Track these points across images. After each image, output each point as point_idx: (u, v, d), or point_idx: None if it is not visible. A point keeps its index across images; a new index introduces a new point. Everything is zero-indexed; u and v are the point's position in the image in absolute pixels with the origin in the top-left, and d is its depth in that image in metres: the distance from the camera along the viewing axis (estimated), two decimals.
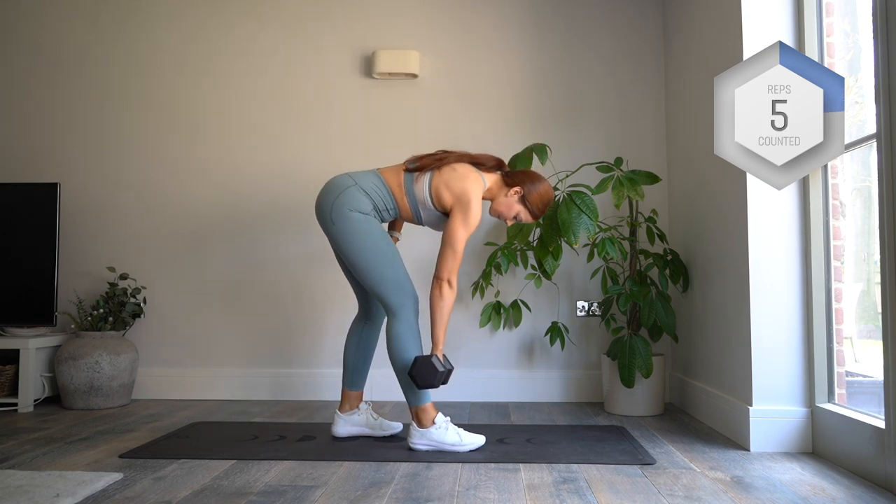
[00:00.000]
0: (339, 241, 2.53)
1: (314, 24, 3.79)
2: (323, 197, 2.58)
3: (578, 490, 2.04)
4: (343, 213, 2.51)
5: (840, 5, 2.54)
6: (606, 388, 3.30)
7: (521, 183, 2.62)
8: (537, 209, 2.65)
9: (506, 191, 2.63)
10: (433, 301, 2.50)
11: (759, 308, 2.54)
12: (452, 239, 2.49)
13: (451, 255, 2.48)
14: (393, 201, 2.60)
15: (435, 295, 2.49)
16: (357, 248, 2.51)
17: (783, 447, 2.49)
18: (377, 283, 2.52)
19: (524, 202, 2.63)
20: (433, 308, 2.50)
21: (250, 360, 3.69)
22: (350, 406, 2.74)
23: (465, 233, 2.49)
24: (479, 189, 2.54)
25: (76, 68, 3.84)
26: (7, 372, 3.40)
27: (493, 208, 2.67)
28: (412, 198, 2.58)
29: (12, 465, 2.33)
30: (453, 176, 2.54)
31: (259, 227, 3.73)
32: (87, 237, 3.76)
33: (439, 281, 2.49)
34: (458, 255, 2.49)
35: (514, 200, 2.63)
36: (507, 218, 2.67)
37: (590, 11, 3.74)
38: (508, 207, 2.64)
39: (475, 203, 2.51)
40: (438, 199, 2.55)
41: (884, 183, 1.99)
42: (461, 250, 2.50)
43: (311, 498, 1.97)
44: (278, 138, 3.76)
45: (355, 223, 2.51)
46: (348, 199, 2.52)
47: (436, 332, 2.50)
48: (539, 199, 2.63)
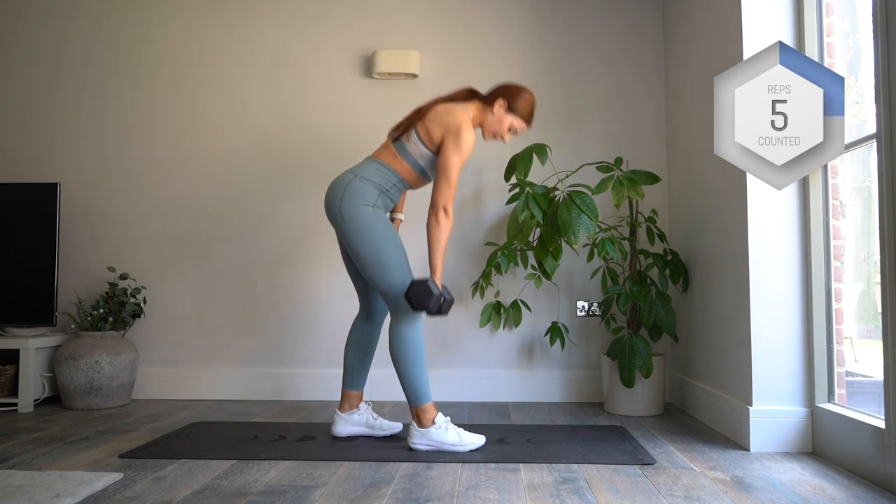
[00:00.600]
0: (349, 236, 2.54)
1: (314, 24, 3.79)
2: (330, 196, 2.59)
3: (578, 490, 2.04)
4: (352, 208, 2.52)
5: (840, 5, 2.54)
6: (606, 388, 3.30)
7: (502, 95, 2.65)
8: (527, 113, 2.68)
9: (490, 109, 2.66)
10: (430, 229, 2.51)
11: (759, 308, 2.54)
12: (446, 167, 2.51)
13: (445, 183, 2.50)
14: (395, 174, 2.60)
15: (431, 223, 2.50)
16: (366, 242, 2.52)
17: (783, 447, 2.49)
18: (383, 280, 2.53)
19: (512, 111, 2.65)
20: (430, 236, 2.51)
21: (250, 360, 3.69)
22: (350, 406, 2.74)
23: (458, 159, 2.51)
24: (465, 116, 2.57)
25: (76, 69, 3.84)
26: (7, 372, 3.40)
27: (485, 132, 2.70)
28: (409, 156, 2.60)
29: (12, 465, 2.33)
30: (437, 114, 2.58)
31: (259, 226, 3.73)
32: (87, 237, 3.76)
33: (435, 209, 2.50)
34: (453, 183, 2.51)
35: (502, 114, 2.65)
36: (502, 133, 2.68)
37: (590, 11, 3.74)
38: (500, 122, 2.66)
39: (465, 129, 2.53)
40: (430, 139, 2.56)
41: (884, 183, 1.99)
42: (455, 178, 2.51)
43: (311, 498, 1.97)
44: (278, 138, 3.76)
45: (365, 217, 2.52)
46: (354, 192, 2.54)
47: (433, 259, 2.51)
48: (525, 102, 2.66)
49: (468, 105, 2.65)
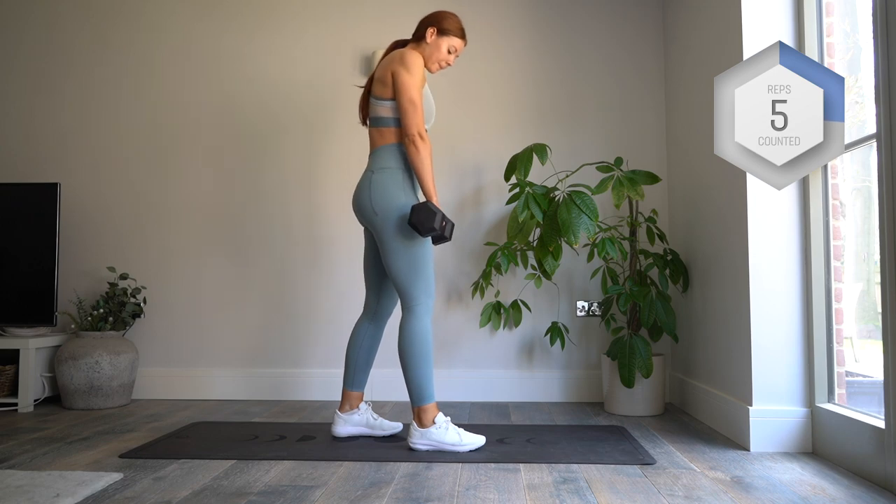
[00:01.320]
0: (382, 230, 2.56)
1: (314, 24, 3.79)
2: (359, 198, 2.62)
3: (578, 490, 2.04)
4: (383, 199, 2.55)
5: (840, 5, 2.54)
6: (606, 388, 3.30)
7: (428, 25, 2.70)
8: (457, 29, 2.72)
9: (424, 42, 2.71)
10: (412, 158, 2.54)
11: (759, 308, 2.54)
12: (405, 90, 2.55)
13: (411, 108, 2.54)
14: (396, 146, 2.62)
15: (411, 152, 2.54)
16: (399, 235, 2.53)
17: (783, 447, 2.49)
18: (408, 274, 2.54)
19: (444, 33, 2.70)
20: (414, 164, 2.54)
21: (250, 360, 3.69)
22: (350, 406, 2.74)
23: (412, 79, 2.55)
24: (404, 52, 2.62)
25: (76, 69, 3.84)
26: (7, 372, 3.40)
27: (429, 64, 2.73)
28: (386, 119, 2.63)
29: (12, 465, 2.33)
30: (377, 72, 2.65)
31: (259, 227, 3.73)
32: (87, 237, 3.76)
33: (411, 137, 2.53)
34: (418, 106, 2.54)
35: (435, 39, 2.70)
36: (445, 59, 2.72)
37: (590, 11, 3.74)
38: (437, 48, 2.70)
39: (407, 54, 2.59)
40: (385, 89, 2.61)
41: (884, 183, 1.99)
42: (418, 100, 2.55)
43: (311, 498, 1.97)
44: (278, 139, 3.76)
45: (398, 207, 2.54)
46: (379, 185, 2.57)
47: (425, 184, 2.54)
48: (452, 22, 2.71)
49: (403, 51, 2.68)
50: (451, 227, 2.58)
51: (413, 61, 2.58)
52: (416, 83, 2.56)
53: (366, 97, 2.74)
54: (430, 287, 2.57)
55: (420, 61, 2.61)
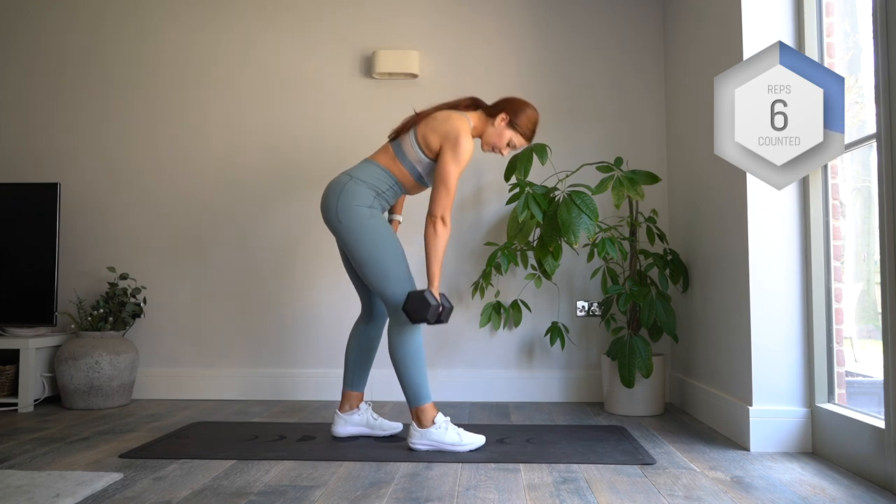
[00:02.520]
0: (346, 238, 2.54)
1: (314, 24, 3.79)
2: (326, 198, 2.58)
3: (578, 490, 2.04)
4: (348, 209, 2.52)
5: (840, 5, 2.54)
6: (606, 388, 3.30)
7: (505, 109, 2.64)
8: (528, 130, 2.66)
9: (492, 121, 2.65)
10: (427, 238, 2.50)
11: (759, 308, 2.54)
12: (445, 176, 2.50)
13: (444, 192, 2.50)
14: (392, 176, 2.60)
15: (429, 232, 2.50)
16: (363, 244, 2.51)
17: (783, 447, 2.49)
18: (381, 281, 2.53)
19: (513, 126, 2.64)
20: (428, 245, 2.50)
21: (250, 360, 3.69)
22: (350, 406, 2.74)
23: (457, 168, 2.50)
24: (465, 125, 2.56)
25: (76, 68, 3.84)
26: (7, 372, 3.40)
27: (484, 143, 2.68)
28: (407, 161, 2.59)
29: (12, 465, 2.33)
30: (436, 121, 2.57)
31: (259, 226, 3.73)
32: (87, 237, 3.76)
33: (433, 218, 2.50)
34: (452, 192, 2.50)
35: (503, 128, 2.64)
36: (500, 148, 2.66)
37: (590, 11, 3.74)
38: (499, 136, 2.64)
39: (463, 138, 2.52)
40: (428, 147, 2.56)
41: (884, 183, 1.99)
42: (454, 187, 2.51)
43: (311, 498, 1.97)
44: (278, 139, 3.76)
45: (362, 219, 2.51)
46: (350, 194, 2.53)
47: (431, 268, 2.50)
48: (527, 119, 2.65)
49: (470, 114, 2.64)
50: (449, 311, 2.54)
51: (465, 150, 2.50)
52: (458, 172, 2.51)
53: (409, 125, 2.62)
54: (406, 287, 2.53)
55: (471, 150, 2.53)
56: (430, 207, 2.51)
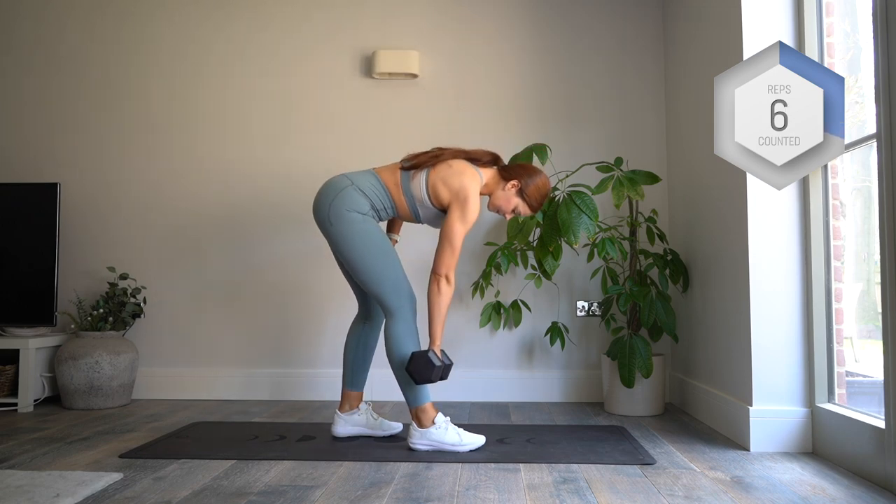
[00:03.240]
0: (337, 241, 2.53)
1: (314, 24, 3.79)
2: (320, 198, 2.58)
3: (578, 490, 2.04)
4: (341, 214, 2.51)
5: (840, 5, 2.54)
6: (606, 388, 3.30)
7: (519, 176, 2.62)
8: (535, 202, 2.65)
9: (503, 185, 2.63)
10: (431, 297, 2.50)
11: (759, 308, 2.54)
12: (451, 235, 2.49)
13: (449, 250, 2.49)
14: (390, 200, 2.60)
15: (433, 291, 2.50)
16: (355, 248, 2.51)
17: (783, 447, 2.49)
18: (375, 284, 2.52)
19: (522, 195, 2.63)
20: (431, 304, 2.50)
21: (250, 360, 3.69)
22: (350, 406, 2.74)
23: (463, 229, 2.50)
24: (476, 185, 2.55)
25: (76, 68, 3.84)
26: (7, 372, 3.40)
27: (491, 203, 2.68)
28: (409, 196, 2.58)
29: (12, 465, 2.33)
30: (450, 172, 2.55)
31: (259, 226, 3.73)
32: (87, 237, 3.76)
33: (437, 277, 2.49)
34: (457, 251, 2.50)
35: (511, 194, 2.63)
36: (505, 212, 2.67)
37: (590, 11, 3.74)
38: (507, 201, 2.64)
39: (473, 198, 2.51)
40: (436, 196, 2.55)
41: (884, 183, 1.99)
42: (459, 246, 2.50)
43: (311, 498, 1.97)
44: (278, 138, 3.76)
45: (353, 223, 2.51)
46: (346, 199, 2.52)
47: (433, 328, 2.50)
48: (537, 191, 2.63)
49: (485, 171, 2.63)
50: (450, 367, 2.55)
51: (472, 212, 2.50)
52: (464, 231, 2.50)
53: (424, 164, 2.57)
54: (401, 289, 2.54)
55: (478, 211, 2.52)
56: (434, 265, 2.50)
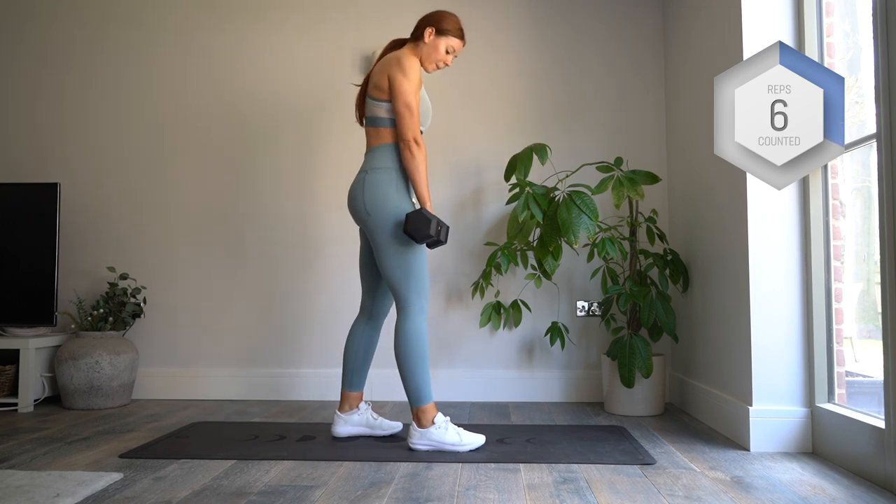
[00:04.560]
0: (373, 227, 2.56)
1: (314, 24, 3.79)
2: (353, 198, 2.63)
3: (578, 490, 2.05)
4: (375, 199, 2.56)
5: (840, 5, 2.54)
6: (606, 388, 3.30)
7: (426, 25, 2.68)
8: (456, 29, 2.70)
9: (421, 42, 2.69)
10: (407, 163, 2.55)
11: (759, 308, 2.54)
12: (402, 95, 2.54)
13: (407, 114, 2.54)
14: (391, 146, 2.62)
15: (406, 157, 2.54)
16: (391, 236, 2.54)
17: (783, 447, 2.49)
18: (401, 275, 2.54)
19: (442, 33, 2.68)
20: (409, 169, 2.55)
21: (250, 360, 3.69)
22: (350, 406, 2.74)
23: (410, 85, 2.55)
24: (400, 53, 2.61)
25: (76, 69, 3.84)
26: (7, 372, 3.40)
27: (427, 64, 2.71)
28: (382, 120, 2.62)
29: (12, 465, 2.33)
30: (374, 73, 2.65)
31: (259, 226, 3.73)
32: (87, 237, 3.76)
33: (406, 142, 2.54)
34: (415, 111, 2.55)
35: (433, 40, 2.68)
36: (442, 59, 2.71)
37: (590, 11, 3.74)
38: (435, 48, 2.69)
39: (404, 58, 2.58)
40: (381, 91, 2.60)
41: (884, 183, 1.99)
42: (415, 105, 2.55)
43: (311, 498, 1.97)
44: (278, 138, 3.76)
45: (390, 208, 2.54)
46: (373, 185, 2.57)
47: (419, 190, 2.55)
48: (450, 21, 2.69)
49: (401, 52, 2.67)
50: (447, 230, 2.59)
51: (410, 65, 2.58)
52: (412, 88, 2.56)
53: (362, 96, 2.73)
54: (423, 288, 2.57)
55: (417, 65, 2.61)
56: (399, 133, 2.56)
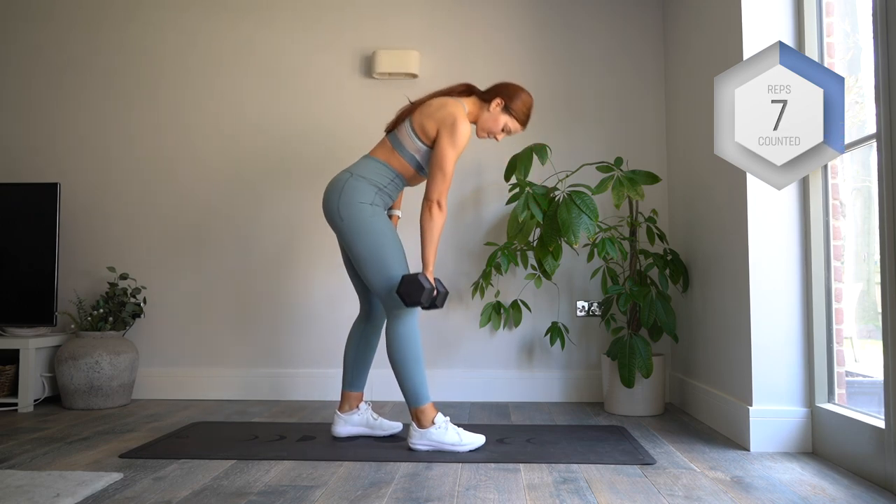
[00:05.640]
0: (347, 236, 2.54)
1: (314, 24, 3.79)
2: (328, 196, 2.59)
3: (578, 490, 2.04)
4: (350, 207, 2.52)
5: (840, 5, 2.54)
6: (606, 388, 3.30)
7: (500, 94, 2.64)
8: (523, 115, 2.66)
9: (487, 107, 2.65)
10: (423, 222, 2.51)
11: (759, 308, 2.54)
12: (441, 160, 2.50)
13: (440, 176, 2.50)
14: (392, 170, 2.60)
15: (425, 216, 2.50)
16: (364, 243, 2.51)
17: (783, 447, 2.49)
18: (381, 281, 2.52)
19: (508, 111, 2.64)
20: (423, 229, 2.51)
21: (250, 360, 3.69)
22: (350, 406, 2.74)
23: (454, 153, 2.51)
24: (460, 110, 2.56)
25: (76, 68, 3.84)
26: (7, 372, 3.40)
27: (480, 128, 2.68)
28: (405, 151, 2.59)
29: (12, 465, 2.33)
30: (432, 108, 2.57)
31: (259, 227, 3.73)
32: (87, 237, 3.76)
33: (429, 203, 2.50)
34: (448, 177, 2.51)
35: (498, 113, 2.64)
36: (496, 132, 2.67)
37: (590, 11, 3.74)
38: (495, 121, 2.65)
39: (460, 122, 2.52)
40: (425, 133, 2.56)
41: (884, 183, 1.99)
42: (451, 172, 2.51)
43: (311, 498, 1.97)
44: (278, 138, 3.76)
45: (363, 218, 2.51)
46: (351, 191, 2.53)
47: (426, 253, 2.51)
48: (522, 104, 2.65)
49: (464, 100, 2.65)
50: (444, 296, 2.56)
51: (462, 133, 2.51)
52: (454, 156, 2.51)
53: (405, 115, 2.64)
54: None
55: (468, 132, 2.54)
56: (426, 191, 2.52)
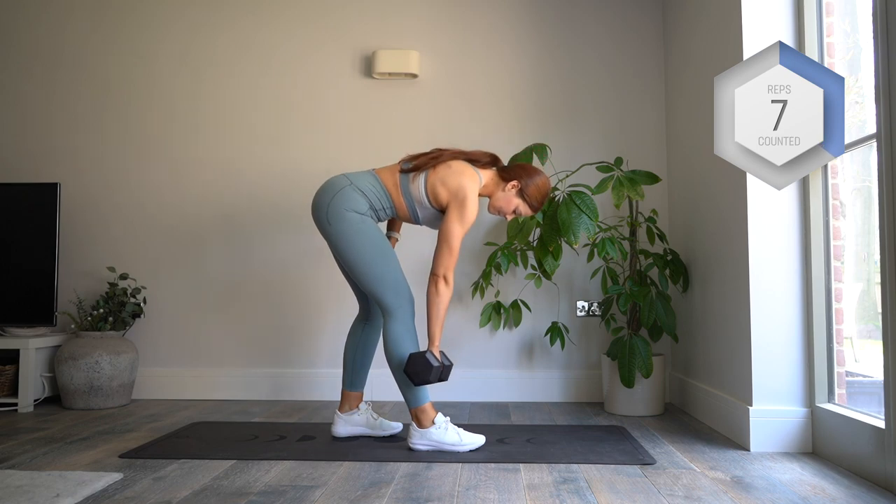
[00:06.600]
0: (335, 241, 2.53)
1: (314, 23, 3.79)
2: (319, 197, 2.58)
3: (578, 490, 2.04)
4: (339, 214, 2.51)
5: (840, 5, 2.54)
6: (606, 388, 3.30)
7: (518, 177, 2.62)
8: (536, 202, 2.64)
9: (503, 185, 2.63)
10: (429, 298, 2.50)
11: (759, 308, 2.54)
12: (449, 236, 2.49)
13: (447, 251, 2.49)
14: (389, 201, 2.60)
15: (431, 291, 2.50)
16: (354, 248, 2.51)
17: (783, 447, 2.49)
18: (373, 284, 2.52)
19: (522, 195, 2.62)
20: (429, 304, 2.50)
21: (250, 360, 3.69)
22: (350, 406, 2.74)
23: (461, 229, 2.49)
24: (475, 185, 2.54)
25: (76, 68, 3.84)
26: (7, 372, 3.40)
27: (491, 204, 2.67)
28: (409, 197, 2.58)
29: (12, 465, 2.33)
30: (449, 173, 2.54)
31: (259, 226, 3.73)
32: (87, 237, 3.76)
33: (435, 277, 2.49)
34: (455, 252, 2.49)
35: (512, 195, 2.62)
36: (506, 213, 2.66)
37: (590, 11, 3.74)
38: (507, 202, 2.63)
39: (471, 199, 2.51)
40: (435, 197, 2.55)
41: (884, 183, 1.99)
42: (457, 247, 2.50)
43: (311, 498, 1.97)
44: (278, 138, 3.76)
45: (352, 223, 2.51)
46: (344, 199, 2.52)
47: (432, 329, 2.50)
48: (537, 191, 2.62)
49: (484, 172, 2.63)
50: (449, 369, 2.55)
51: (470, 212, 2.48)
52: (461, 233, 2.49)
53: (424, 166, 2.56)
54: (400, 291, 2.53)
55: (475, 212, 2.51)
56: (433, 266, 2.50)
